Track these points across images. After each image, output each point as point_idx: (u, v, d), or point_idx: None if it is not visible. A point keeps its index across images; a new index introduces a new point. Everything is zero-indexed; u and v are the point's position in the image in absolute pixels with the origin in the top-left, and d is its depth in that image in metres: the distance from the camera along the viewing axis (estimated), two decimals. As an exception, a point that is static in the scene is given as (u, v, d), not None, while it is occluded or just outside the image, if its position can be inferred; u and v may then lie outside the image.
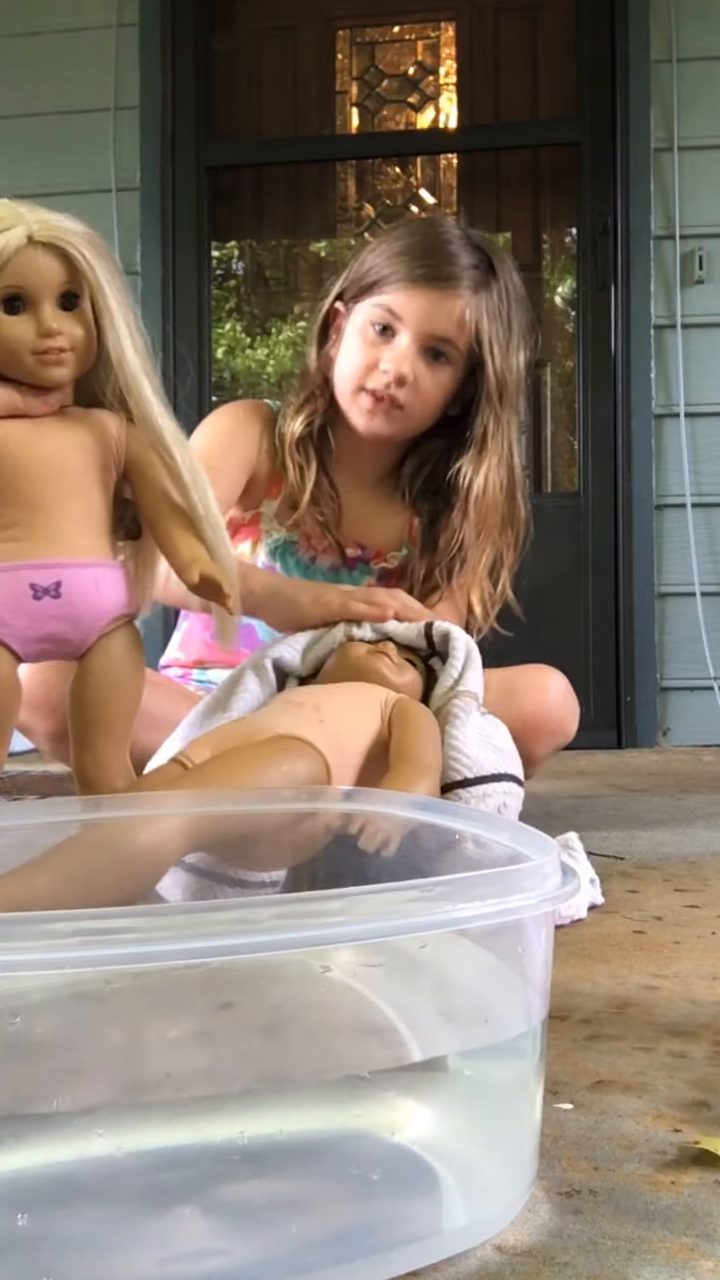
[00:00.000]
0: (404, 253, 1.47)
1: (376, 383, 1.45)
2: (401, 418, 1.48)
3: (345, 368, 1.49)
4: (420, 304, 1.44)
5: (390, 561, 1.59)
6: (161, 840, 0.81)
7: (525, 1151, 0.57)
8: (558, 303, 3.39)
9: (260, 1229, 0.49)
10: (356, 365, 1.47)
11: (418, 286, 1.44)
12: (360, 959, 0.54)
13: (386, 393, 1.45)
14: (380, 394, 1.45)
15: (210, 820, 0.83)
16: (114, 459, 0.97)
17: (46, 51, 3.08)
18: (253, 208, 3.47)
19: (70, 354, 0.93)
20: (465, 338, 1.45)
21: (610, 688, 2.96)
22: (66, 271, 0.92)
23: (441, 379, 1.47)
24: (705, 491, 2.93)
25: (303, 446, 1.51)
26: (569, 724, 1.51)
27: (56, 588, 0.91)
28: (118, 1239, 0.48)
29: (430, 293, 1.44)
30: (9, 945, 0.45)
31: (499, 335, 1.46)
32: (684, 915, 1.17)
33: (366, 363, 1.46)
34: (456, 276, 1.44)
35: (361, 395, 1.47)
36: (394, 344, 1.45)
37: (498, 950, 0.56)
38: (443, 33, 3.30)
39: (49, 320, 0.91)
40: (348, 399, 1.49)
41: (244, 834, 0.86)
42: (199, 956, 0.46)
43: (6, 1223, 0.48)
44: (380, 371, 1.45)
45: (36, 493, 0.92)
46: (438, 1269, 0.50)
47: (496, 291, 1.46)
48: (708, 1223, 0.54)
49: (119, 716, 0.96)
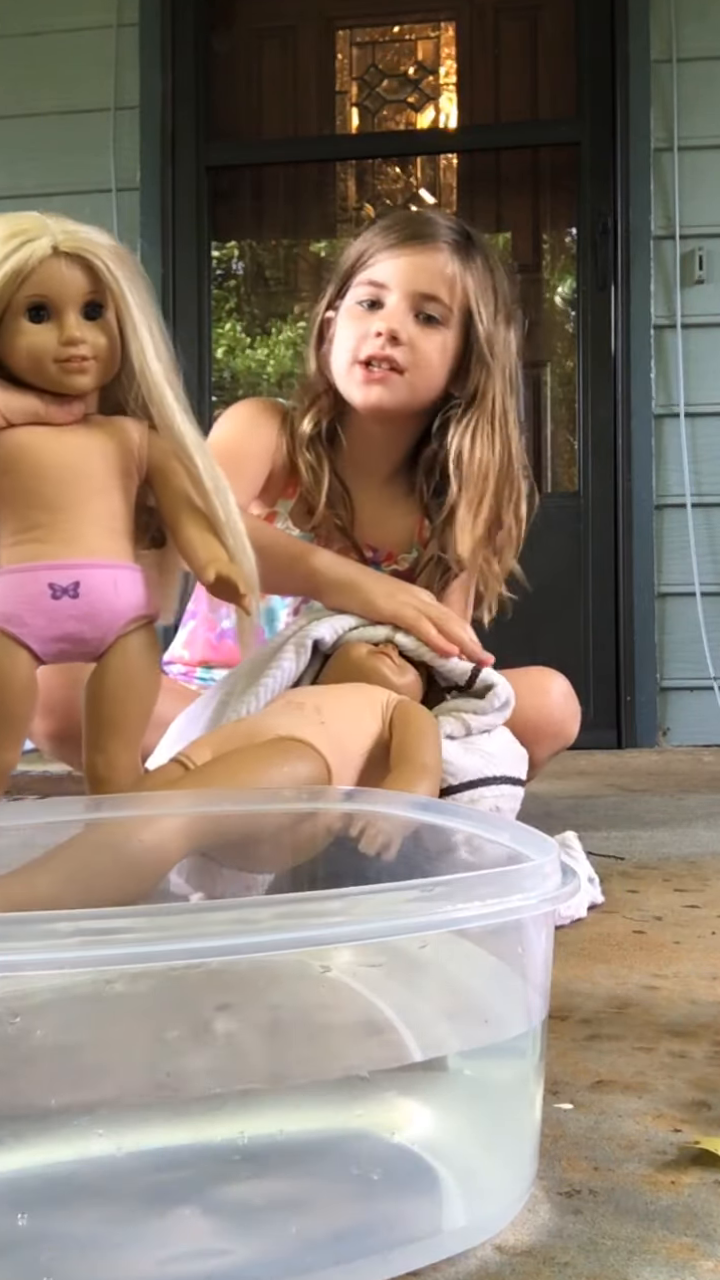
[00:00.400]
0: (382, 229, 1.48)
1: (370, 348, 1.42)
2: (402, 384, 1.44)
3: (340, 349, 1.47)
4: (403, 263, 1.43)
5: (401, 564, 1.58)
6: (163, 840, 0.81)
7: (525, 1151, 0.57)
8: (558, 303, 3.39)
9: (260, 1229, 0.49)
10: (350, 342, 1.45)
11: (399, 248, 1.44)
12: (360, 959, 0.54)
13: (382, 353, 1.42)
14: (376, 357, 1.42)
15: (211, 820, 0.83)
16: (136, 464, 0.98)
17: (46, 51, 3.08)
18: (253, 208, 3.47)
19: (93, 362, 0.95)
20: (455, 297, 1.43)
21: (610, 688, 2.96)
22: (90, 282, 0.94)
23: (438, 341, 1.44)
24: (705, 491, 2.93)
25: (313, 446, 1.50)
26: (570, 726, 1.51)
27: (75, 588, 0.92)
28: (118, 1239, 0.48)
29: (413, 252, 1.43)
30: (9, 945, 0.45)
31: (485, 298, 1.45)
32: (684, 915, 1.17)
33: (359, 335, 1.44)
34: (436, 235, 1.44)
35: (357, 368, 1.44)
36: (384, 309, 1.44)
37: (498, 950, 0.56)
38: (443, 33, 3.30)
39: (72, 329, 0.93)
40: (345, 377, 1.47)
41: (245, 834, 0.87)
42: (199, 956, 0.46)
43: (6, 1223, 0.48)
44: (373, 337, 1.42)
45: (58, 496, 0.94)
46: (438, 1269, 0.50)
47: (479, 258, 1.46)
48: (708, 1223, 0.54)
49: (133, 718, 0.97)
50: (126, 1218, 0.49)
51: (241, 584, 0.95)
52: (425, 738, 1.04)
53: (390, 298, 1.43)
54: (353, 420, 1.52)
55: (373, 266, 1.46)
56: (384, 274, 1.44)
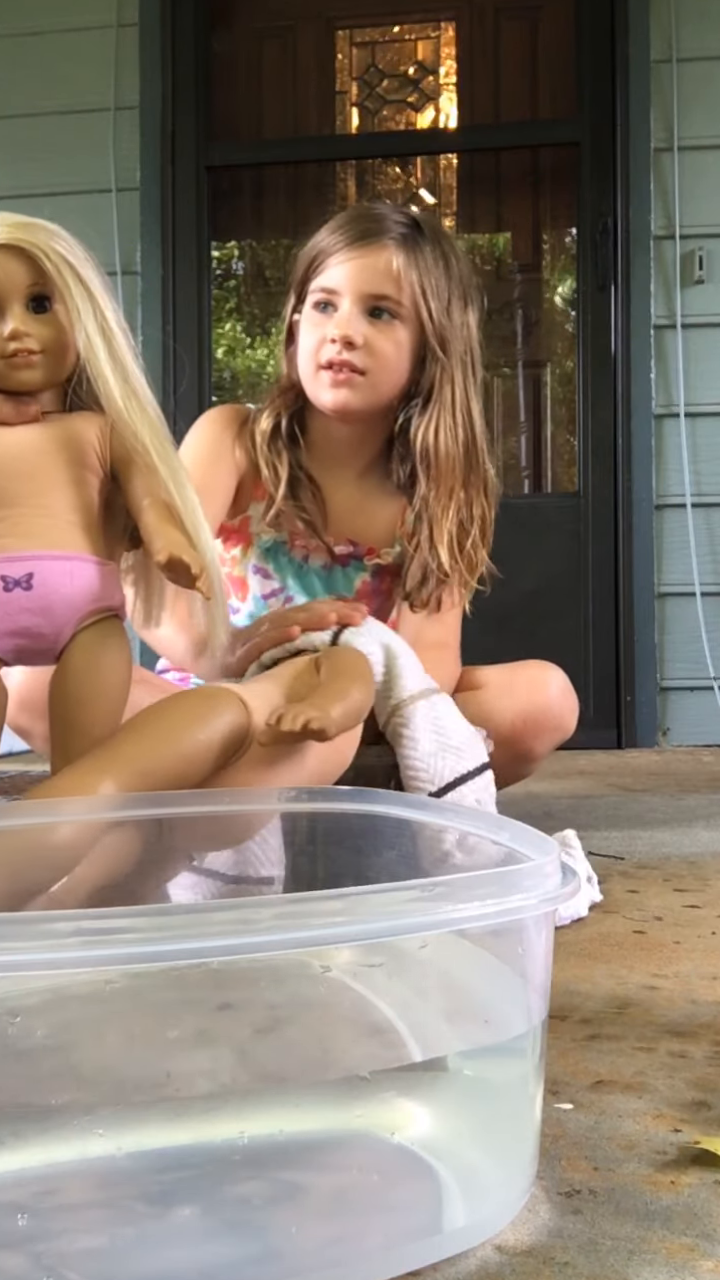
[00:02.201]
0: (329, 230, 1.50)
1: (328, 354, 1.45)
2: (365, 385, 1.46)
3: (302, 355, 1.49)
4: (351, 266, 1.45)
5: (384, 558, 1.57)
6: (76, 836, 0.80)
7: (525, 1151, 0.57)
8: (558, 303, 3.39)
9: (260, 1229, 0.49)
10: (309, 347, 1.47)
11: (347, 251, 1.46)
12: (360, 959, 0.54)
13: (339, 359, 1.44)
14: (335, 362, 1.44)
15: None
16: (98, 457, 0.96)
17: (46, 51, 3.08)
18: (253, 208, 3.47)
19: (40, 356, 0.94)
20: (404, 291, 1.44)
21: (610, 688, 2.96)
22: (33, 274, 0.93)
23: (394, 336, 1.45)
24: (705, 491, 2.93)
25: (273, 441, 1.51)
26: (569, 720, 1.52)
27: (29, 579, 0.90)
28: (118, 1239, 0.48)
29: (359, 253, 1.45)
30: (9, 945, 0.45)
31: (435, 286, 1.46)
32: (684, 915, 1.17)
33: (317, 340, 1.46)
34: (381, 232, 1.45)
35: (321, 373, 1.46)
36: (337, 313, 1.45)
37: (498, 950, 0.56)
38: (443, 33, 3.30)
39: (15, 322, 0.92)
40: (311, 382, 1.48)
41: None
42: (199, 956, 0.46)
43: (6, 1223, 0.48)
44: (329, 342, 1.44)
45: (13, 491, 0.92)
46: (438, 1269, 0.50)
47: (428, 247, 1.47)
48: (708, 1223, 0.54)
49: (100, 719, 0.93)
50: (126, 1218, 0.49)
51: (195, 566, 0.92)
52: (348, 672, 1.03)
53: (342, 302, 1.45)
54: (317, 418, 1.53)
55: (325, 271, 1.48)
56: (334, 279, 1.46)
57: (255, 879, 0.91)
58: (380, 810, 0.79)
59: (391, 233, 1.46)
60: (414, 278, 1.44)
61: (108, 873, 0.80)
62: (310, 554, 1.55)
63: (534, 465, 3.44)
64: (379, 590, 1.60)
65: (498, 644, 1.68)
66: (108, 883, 0.80)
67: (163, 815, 0.82)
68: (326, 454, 1.55)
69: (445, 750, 1.12)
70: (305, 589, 1.55)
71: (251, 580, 1.56)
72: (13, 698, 1.40)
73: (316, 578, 1.56)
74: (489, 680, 1.53)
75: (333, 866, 0.84)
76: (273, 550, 1.55)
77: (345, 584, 1.57)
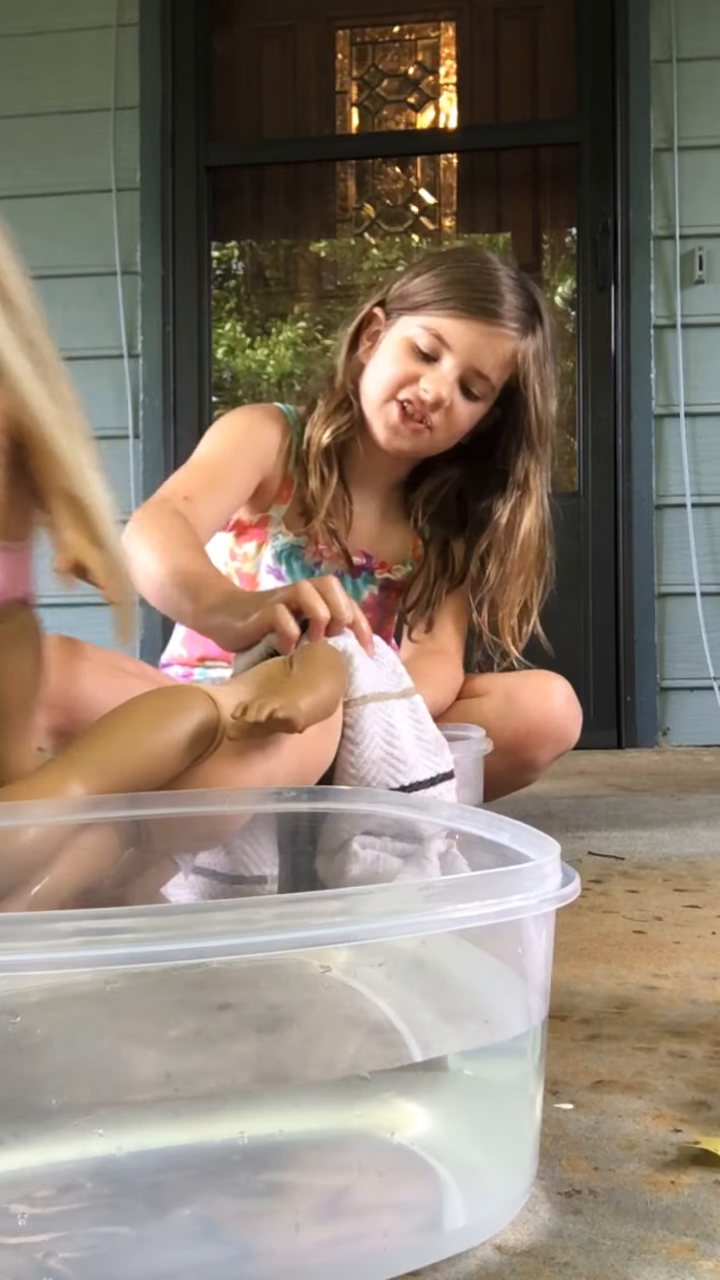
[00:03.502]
0: (458, 281, 1.47)
1: (411, 395, 1.45)
2: (427, 439, 1.49)
3: (380, 376, 1.49)
4: (472, 337, 1.45)
5: (395, 574, 1.60)
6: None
7: (525, 1151, 0.57)
8: (558, 303, 3.39)
9: (260, 1229, 0.49)
10: (393, 376, 1.47)
11: (471, 319, 1.45)
12: (360, 959, 0.54)
13: (421, 409, 1.45)
14: (413, 408, 1.45)
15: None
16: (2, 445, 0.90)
17: (46, 51, 3.08)
18: (253, 208, 3.47)
19: None
20: (503, 377, 1.47)
21: (610, 688, 2.96)
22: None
23: (474, 411, 1.49)
24: (705, 491, 2.93)
25: (327, 456, 1.52)
26: (572, 730, 1.53)
27: None
28: (117, 1239, 0.48)
29: (482, 328, 1.45)
30: (9, 945, 0.45)
31: (541, 380, 1.49)
32: (684, 915, 1.17)
33: (403, 375, 1.46)
34: (508, 316, 1.46)
35: (391, 405, 1.47)
36: (438, 367, 1.45)
37: (498, 950, 0.56)
38: (443, 33, 3.29)
39: None
40: (375, 407, 1.49)
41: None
42: (199, 956, 0.46)
43: (6, 1223, 0.48)
44: (421, 389, 1.45)
45: None
46: (438, 1269, 0.50)
47: (542, 337, 1.49)
48: (708, 1223, 0.54)
49: (12, 709, 0.90)
50: (126, 1218, 0.49)
51: (99, 570, 0.88)
52: (318, 664, 1.02)
53: (447, 360, 1.45)
54: (367, 435, 1.54)
55: (440, 317, 1.46)
56: (449, 333, 1.45)
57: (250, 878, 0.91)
58: (380, 810, 0.79)
59: (516, 321, 1.46)
60: (528, 369, 1.47)
61: (85, 875, 0.80)
62: (324, 560, 1.56)
63: (534, 465, 3.44)
64: (384, 604, 1.62)
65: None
66: (87, 884, 0.79)
67: (140, 816, 0.82)
68: (360, 472, 1.57)
69: (386, 760, 1.09)
70: None
71: (264, 579, 1.57)
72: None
73: None
74: (493, 688, 1.53)
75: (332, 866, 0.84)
76: (287, 553, 1.55)
77: (354, 595, 1.58)
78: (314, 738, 0.99)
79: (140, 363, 3.04)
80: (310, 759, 1.02)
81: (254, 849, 0.91)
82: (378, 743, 1.07)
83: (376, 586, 1.59)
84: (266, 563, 1.56)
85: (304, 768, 1.01)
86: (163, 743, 0.89)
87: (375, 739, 1.07)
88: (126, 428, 3.03)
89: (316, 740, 1.01)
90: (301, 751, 0.99)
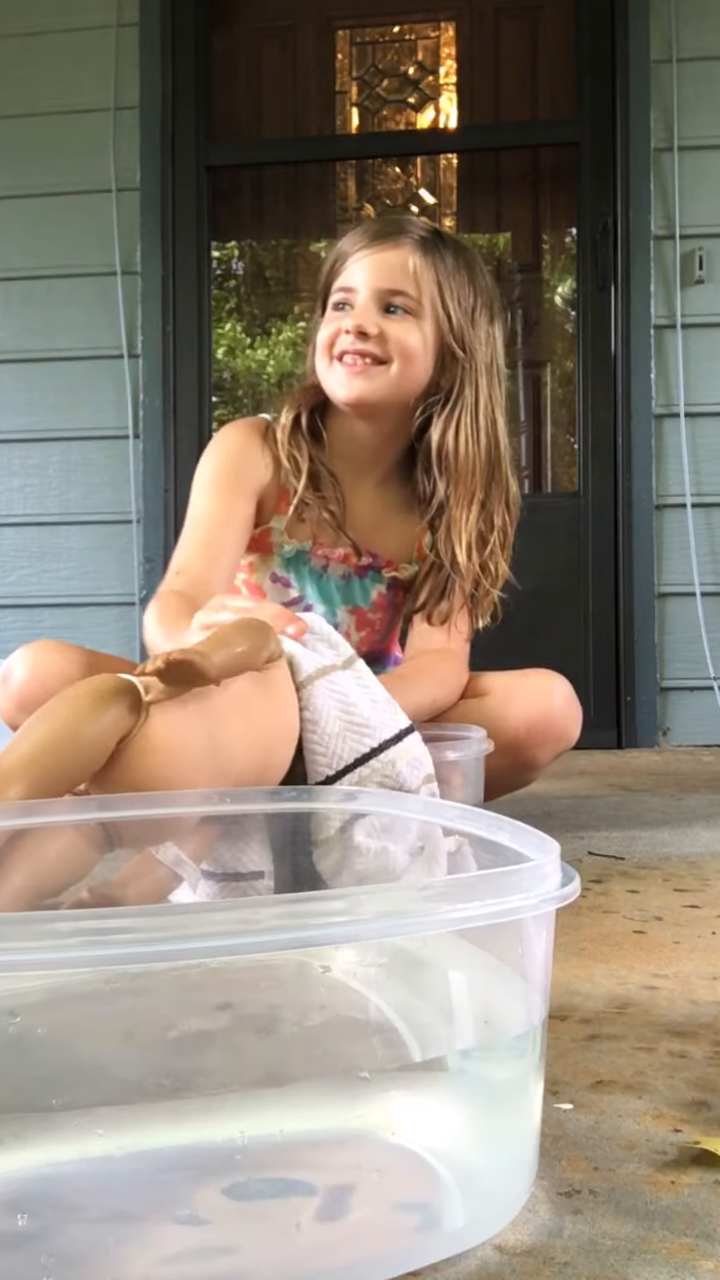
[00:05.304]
0: (349, 236, 1.51)
1: (342, 344, 1.46)
2: (381, 373, 1.46)
3: (317, 352, 1.51)
4: (368, 263, 1.46)
5: (401, 572, 1.59)
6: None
7: (525, 1151, 0.57)
8: (558, 303, 3.39)
9: (260, 1229, 0.49)
10: (325, 338, 1.49)
11: (364, 250, 1.47)
12: (360, 959, 0.54)
13: (354, 349, 1.45)
14: (348, 352, 1.45)
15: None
16: None
17: (46, 51, 3.08)
18: (253, 208, 3.47)
19: None
20: (423, 291, 1.45)
21: (610, 688, 2.96)
22: None
23: (409, 328, 1.46)
24: (705, 491, 2.93)
25: (294, 435, 1.52)
26: (572, 730, 1.52)
27: None
28: (118, 1239, 0.48)
29: (377, 251, 1.46)
30: (9, 945, 0.45)
31: (457, 291, 1.47)
32: (684, 915, 1.17)
33: (332, 332, 1.48)
34: (400, 233, 1.47)
35: (335, 366, 1.48)
36: (353, 309, 1.47)
37: (498, 950, 0.56)
38: (443, 33, 3.29)
39: None
40: (327, 376, 1.50)
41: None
42: (199, 956, 0.46)
43: (6, 1223, 0.48)
44: (343, 334, 1.46)
45: None
46: (438, 1269, 0.50)
47: (449, 253, 1.48)
48: (708, 1223, 0.54)
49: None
50: (126, 1218, 0.49)
51: None
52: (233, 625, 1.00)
53: (358, 298, 1.46)
54: (338, 419, 1.53)
55: (343, 273, 1.49)
56: (352, 278, 1.47)
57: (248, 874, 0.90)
58: (375, 810, 0.79)
59: (411, 234, 1.47)
60: (432, 277, 1.45)
61: (43, 878, 0.79)
62: (330, 563, 1.56)
63: (534, 465, 3.44)
64: (393, 603, 1.61)
65: (498, 643, 1.68)
66: (50, 887, 0.79)
67: (105, 819, 0.81)
68: (347, 457, 1.55)
69: (349, 730, 1.06)
70: (324, 598, 1.57)
71: (268, 589, 1.56)
72: (12, 699, 1.40)
73: (335, 588, 1.57)
74: (494, 687, 1.53)
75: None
76: (294, 559, 1.55)
77: (362, 595, 1.58)
78: (253, 697, 0.96)
79: (140, 363, 3.04)
80: (262, 722, 0.98)
81: (248, 846, 0.91)
82: (334, 715, 1.05)
83: (384, 585, 1.59)
84: (272, 570, 1.56)
85: (257, 731, 0.97)
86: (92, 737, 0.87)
87: (331, 713, 1.05)
88: (126, 428, 3.03)
89: (259, 701, 0.97)
90: (242, 711, 0.95)
